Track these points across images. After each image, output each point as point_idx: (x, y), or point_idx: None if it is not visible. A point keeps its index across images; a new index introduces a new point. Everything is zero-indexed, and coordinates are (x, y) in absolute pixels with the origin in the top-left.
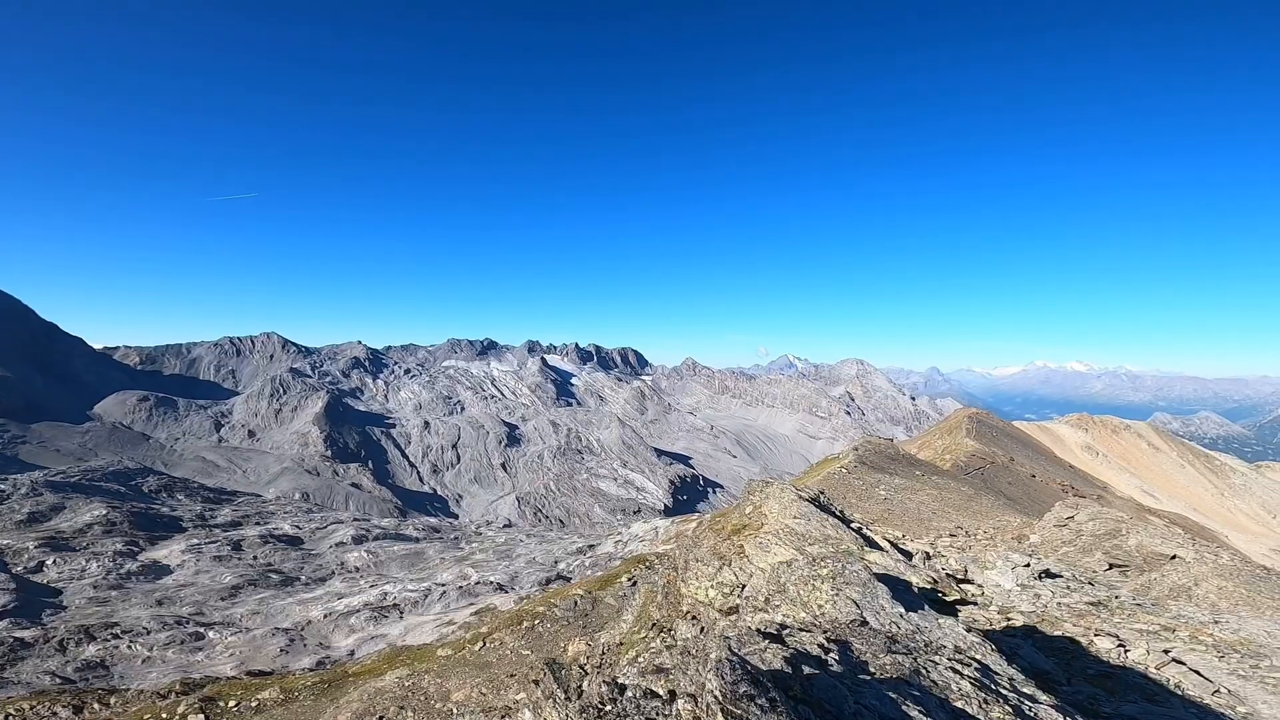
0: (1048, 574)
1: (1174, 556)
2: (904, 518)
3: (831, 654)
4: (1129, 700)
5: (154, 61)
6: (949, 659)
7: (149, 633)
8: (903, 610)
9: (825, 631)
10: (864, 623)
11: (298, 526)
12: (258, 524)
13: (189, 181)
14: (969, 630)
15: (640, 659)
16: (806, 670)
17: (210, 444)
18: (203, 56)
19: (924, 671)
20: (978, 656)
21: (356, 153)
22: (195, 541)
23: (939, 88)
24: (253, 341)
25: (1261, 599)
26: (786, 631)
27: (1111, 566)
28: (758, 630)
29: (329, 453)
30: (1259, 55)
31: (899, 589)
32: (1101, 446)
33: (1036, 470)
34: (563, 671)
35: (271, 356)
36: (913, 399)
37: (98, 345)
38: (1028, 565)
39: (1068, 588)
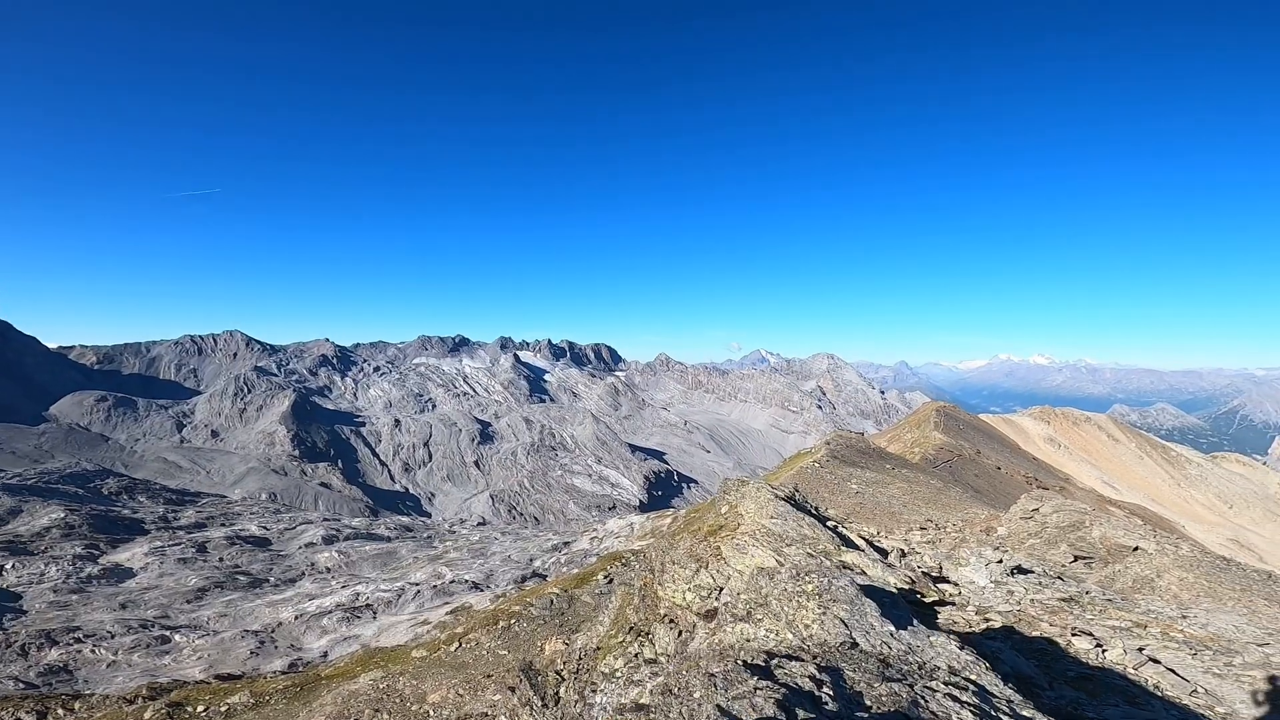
0: (1019, 570)
1: (1136, 548)
2: (876, 511)
3: (825, 688)
4: (1111, 703)
5: (113, 57)
6: (944, 682)
7: (113, 636)
8: (893, 629)
9: (815, 657)
10: (854, 644)
11: (265, 527)
12: (223, 525)
13: (148, 177)
14: (961, 648)
15: (618, 673)
16: (801, 715)
17: (172, 444)
18: (163, 53)
19: (922, 701)
20: (972, 677)
21: (323, 148)
22: (158, 544)
23: (921, 94)
24: (215, 340)
25: (1222, 590)
26: (775, 662)
27: (1076, 558)
28: (744, 663)
29: (296, 452)
30: (1220, 62)
31: (885, 601)
32: (1063, 438)
33: (1002, 462)
34: (539, 677)
35: (235, 355)
36: (882, 393)
37: (52, 344)
38: (1000, 562)
39: (1039, 584)
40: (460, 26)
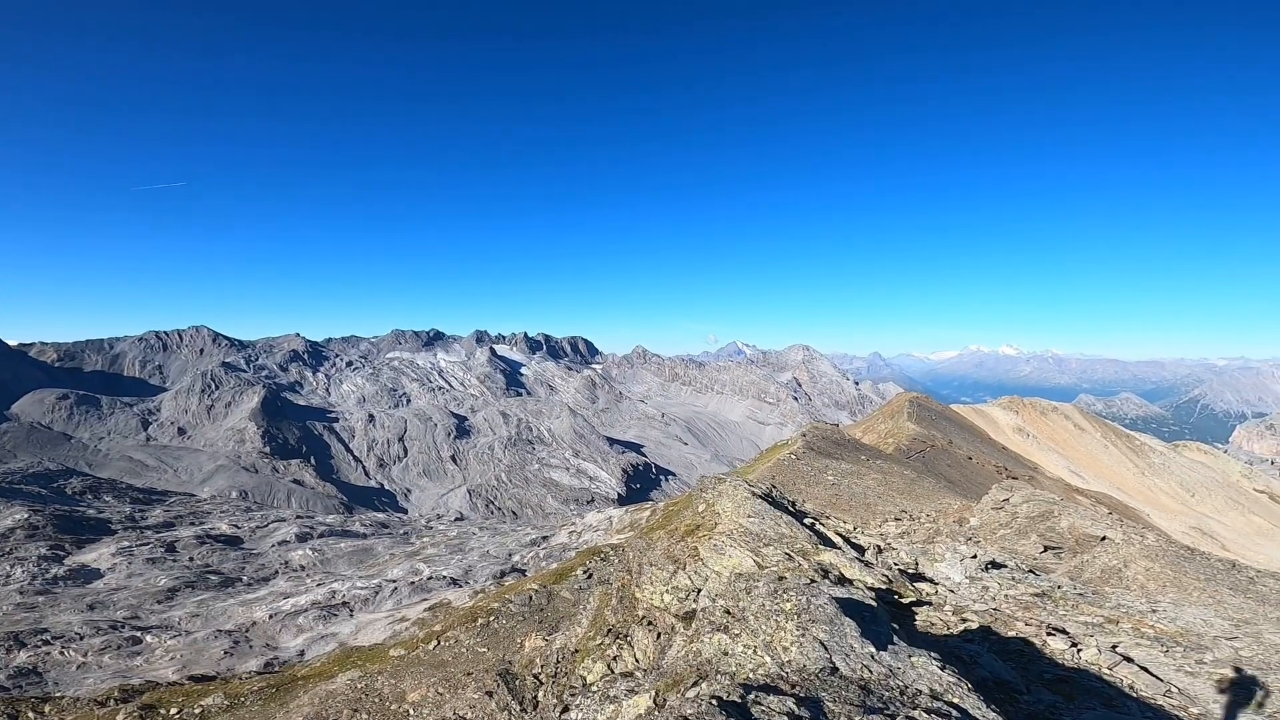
0: (993, 564)
1: (1104, 538)
2: (851, 503)
3: None
4: (1087, 706)
5: (78, 50)
6: (926, 709)
7: (82, 638)
8: (873, 650)
9: (794, 686)
10: (834, 669)
11: (236, 526)
12: (193, 524)
13: (111, 169)
14: (942, 668)
15: (594, 686)
16: None
17: (138, 443)
18: (130, 47)
19: None
20: (955, 699)
21: (294, 139)
22: (126, 544)
23: (915, 95)
24: (180, 335)
25: (1187, 580)
26: (752, 697)
27: (1046, 549)
28: (718, 702)
29: (267, 449)
30: (1191, 61)
31: (864, 617)
32: (1031, 428)
33: (973, 452)
34: (517, 681)
35: (201, 351)
36: (856, 384)
37: (12, 342)
38: (974, 557)
39: (1012, 578)
40: (439, 25)
